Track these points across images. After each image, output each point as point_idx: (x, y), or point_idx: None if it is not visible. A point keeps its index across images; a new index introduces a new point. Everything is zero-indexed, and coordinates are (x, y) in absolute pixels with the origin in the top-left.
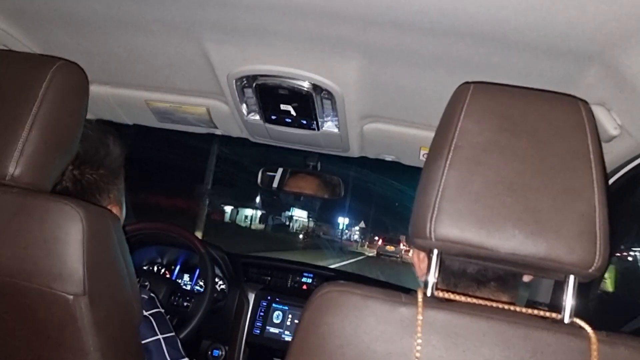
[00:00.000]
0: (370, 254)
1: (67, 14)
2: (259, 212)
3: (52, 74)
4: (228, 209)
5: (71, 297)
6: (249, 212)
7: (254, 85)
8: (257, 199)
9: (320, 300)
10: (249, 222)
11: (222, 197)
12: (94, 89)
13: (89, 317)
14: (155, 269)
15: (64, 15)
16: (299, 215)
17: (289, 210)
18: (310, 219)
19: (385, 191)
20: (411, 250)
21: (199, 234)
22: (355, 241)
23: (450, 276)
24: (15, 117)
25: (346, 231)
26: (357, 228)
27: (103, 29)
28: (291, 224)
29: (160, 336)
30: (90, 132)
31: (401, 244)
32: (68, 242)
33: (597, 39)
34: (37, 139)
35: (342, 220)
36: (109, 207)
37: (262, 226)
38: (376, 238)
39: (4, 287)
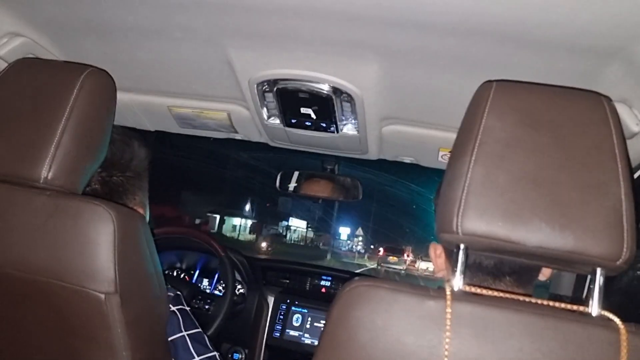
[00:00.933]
0: (372, 266)
1: (95, 23)
2: (249, 222)
3: (83, 80)
4: (217, 217)
5: (103, 295)
6: (237, 221)
7: (274, 89)
8: (247, 207)
9: (349, 295)
10: (237, 233)
11: (207, 204)
12: (118, 95)
13: (120, 315)
14: (175, 273)
15: (91, 24)
16: (297, 225)
17: (286, 220)
18: (310, 228)
19: (387, 197)
20: (417, 262)
21: None
22: (359, 252)
23: (466, 270)
24: (47, 122)
25: (349, 241)
26: (360, 238)
27: (129, 37)
28: (289, 235)
29: (185, 333)
30: (117, 136)
31: (405, 254)
32: (100, 242)
33: (619, 35)
34: (68, 143)
35: (344, 230)
36: (134, 208)
37: (252, 237)
38: (373, 247)
39: (39, 286)
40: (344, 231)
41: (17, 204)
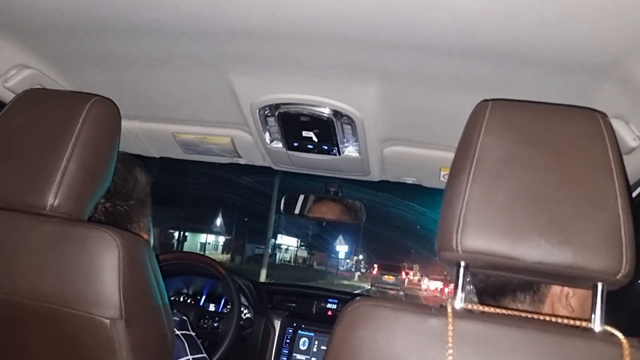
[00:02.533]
0: (367, 287)
1: (100, 54)
2: (222, 238)
3: (88, 109)
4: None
5: (108, 321)
6: (207, 238)
7: (276, 113)
8: (218, 222)
9: (352, 314)
10: (204, 252)
11: (169, 218)
12: (123, 123)
13: (126, 340)
14: (182, 298)
15: (97, 55)
16: (289, 243)
17: (274, 237)
18: (303, 247)
19: (390, 218)
20: (422, 280)
21: None
22: (360, 271)
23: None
24: (54, 150)
25: (347, 260)
26: (360, 257)
27: (133, 66)
28: (279, 254)
29: (190, 357)
30: (118, 164)
31: (402, 273)
32: (105, 268)
33: (611, 53)
34: (74, 170)
35: (342, 248)
36: (139, 234)
37: (225, 257)
38: (363, 266)
39: (44, 312)
40: (342, 249)
41: (24, 232)
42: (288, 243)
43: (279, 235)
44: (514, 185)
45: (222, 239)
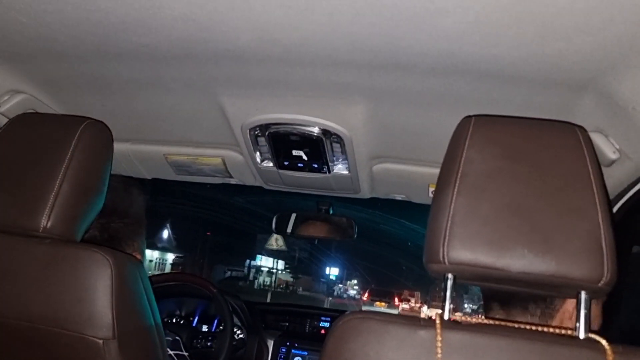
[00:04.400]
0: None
1: (92, 78)
2: (171, 255)
3: (81, 132)
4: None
5: (101, 341)
6: (158, 255)
7: (266, 133)
8: (165, 235)
9: (342, 328)
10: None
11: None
12: (115, 146)
13: None
14: (174, 320)
15: (89, 79)
16: (270, 265)
17: (254, 259)
18: (287, 270)
19: (382, 235)
20: (423, 307)
21: None
22: (353, 298)
23: (476, 299)
24: (47, 173)
25: (340, 285)
26: (354, 282)
27: (125, 89)
28: (261, 278)
29: None
30: (116, 184)
31: (395, 299)
32: (98, 288)
33: (588, 69)
34: (67, 192)
35: (333, 271)
36: (133, 254)
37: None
38: (357, 292)
39: (37, 334)
40: (332, 272)
41: (17, 254)
42: (270, 265)
43: (261, 257)
44: (498, 198)
45: (170, 256)
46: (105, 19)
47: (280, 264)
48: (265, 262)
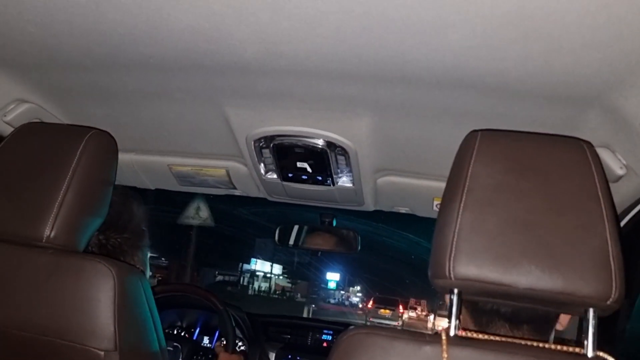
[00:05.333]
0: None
1: (98, 88)
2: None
3: (86, 142)
4: None
5: (102, 352)
6: None
7: (271, 145)
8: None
9: (347, 343)
10: None
11: None
12: (119, 156)
13: None
14: (176, 331)
15: (94, 89)
16: (267, 270)
17: (247, 263)
18: (284, 275)
19: (386, 248)
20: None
21: None
22: (355, 305)
23: (482, 316)
24: (51, 183)
25: (342, 292)
26: (357, 288)
27: (130, 99)
28: (256, 283)
29: None
30: (114, 197)
31: (400, 307)
32: (100, 299)
33: (594, 84)
34: (71, 202)
35: (333, 276)
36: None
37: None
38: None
39: (38, 344)
40: (332, 277)
41: (20, 264)
42: (267, 270)
43: (256, 261)
44: (504, 213)
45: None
46: (113, 30)
47: (278, 269)
48: (261, 266)
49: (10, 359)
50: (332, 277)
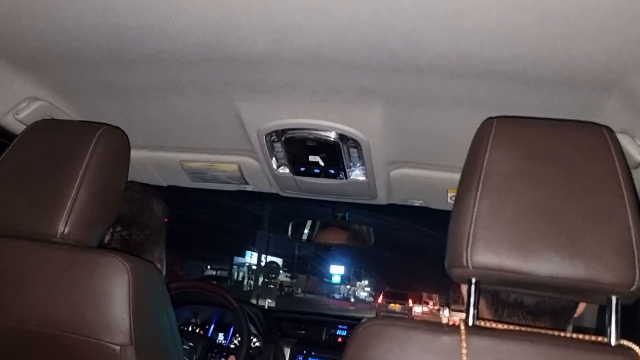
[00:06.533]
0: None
1: (109, 84)
2: None
3: (98, 137)
4: None
5: (118, 347)
6: None
7: (282, 139)
8: None
9: (363, 334)
10: None
11: None
12: (131, 153)
13: None
14: (190, 328)
15: (105, 86)
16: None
17: (242, 256)
18: (284, 269)
19: (398, 241)
20: (442, 309)
21: None
22: (363, 301)
23: (504, 308)
24: (64, 179)
25: (349, 287)
26: (365, 282)
27: (141, 96)
28: (248, 278)
29: None
30: (136, 194)
31: (410, 301)
32: (115, 294)
33: (613, 68)
34: (84, 198)
35: (337, 269)
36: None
37: None
38: (368, 294)
39: (54, 340)
40: (336, 271)
41: (35, 260)
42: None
43: (251, 254)
44: (523, 200)
45: None
46: (123, 24)
47: (278, 261)
48: (256, 259)
49: (28, 354)
50: (336, 271)
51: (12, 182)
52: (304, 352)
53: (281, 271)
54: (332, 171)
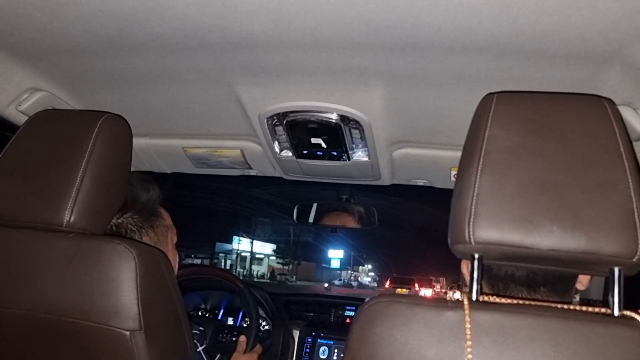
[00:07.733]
0: None
1: (108, 72)
2: None
3: (100, 126)
4: None
5: (128, 332)
6: None
7: (284, 122)
8: None
9: (368, 312)
10: None
11: None
12: (134, 141)
13: (146, 352)
14: (200, 313)
15: (105, 74)
16: (255, 249)
17: (229, 242)
18: (277, 254)
19: (402, 221)
20: (449, 292)
21: None
22: (366, 286)
23: (498, 282)
24: (68, 168)
25: (350, 272)
26: (369, 267)
27: (141, 83)
28: (238, 266)
29: None
30: (132, 180)
31: (415, 285)
32: (122, 280)
33: (613, 39)
34: (89, 186)
35: (335, 253)
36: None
37: None
38: (372, 279)
39: (65, 327)
40: (335, 255)
41: (42, 249)
42: (255, 250)
43: (236, 239)
44: (524, 174)
45: None
46: (119, 10)
47: (268, 248)
48: (245, 245)
49: (39, 341)
50: (335, 255)
51: (17, 173)
52: (313, 333)
53: (273, 257)
54: (335, 153)
